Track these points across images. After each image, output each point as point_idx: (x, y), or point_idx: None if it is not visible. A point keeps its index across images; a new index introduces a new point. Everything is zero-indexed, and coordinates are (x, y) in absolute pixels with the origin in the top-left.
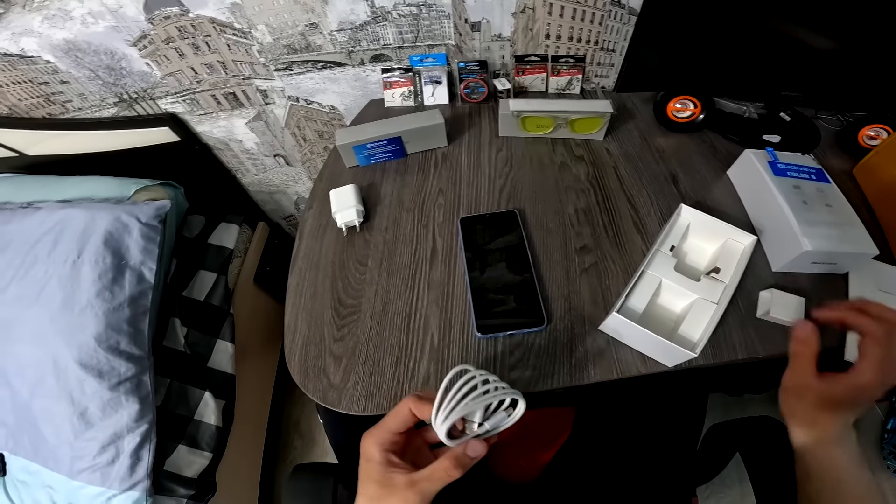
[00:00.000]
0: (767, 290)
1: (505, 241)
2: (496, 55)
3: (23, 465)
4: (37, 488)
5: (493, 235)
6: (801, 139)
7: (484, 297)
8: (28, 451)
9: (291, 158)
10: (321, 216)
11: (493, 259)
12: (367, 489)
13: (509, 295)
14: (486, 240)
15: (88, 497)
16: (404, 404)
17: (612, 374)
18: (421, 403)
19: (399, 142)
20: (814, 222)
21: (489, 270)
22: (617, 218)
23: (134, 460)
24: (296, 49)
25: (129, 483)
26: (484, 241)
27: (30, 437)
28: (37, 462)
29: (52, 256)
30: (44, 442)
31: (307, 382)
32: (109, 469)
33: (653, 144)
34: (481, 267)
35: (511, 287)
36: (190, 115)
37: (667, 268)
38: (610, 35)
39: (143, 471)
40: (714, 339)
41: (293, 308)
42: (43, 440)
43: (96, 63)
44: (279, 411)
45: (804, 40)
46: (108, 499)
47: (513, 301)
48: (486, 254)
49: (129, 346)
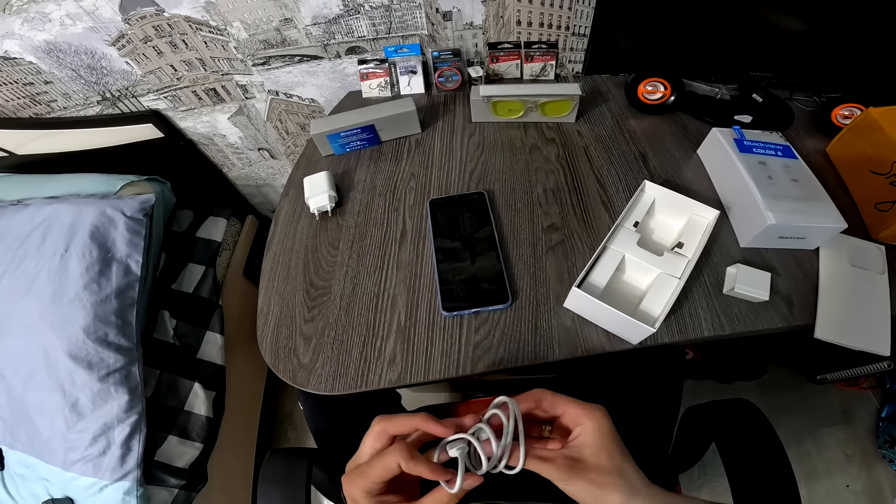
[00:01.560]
0: (734, 265)
1: (473, 221)
2: (469, 44)
3: (20, 458)
4: (34, 481)
5: (461, 216)
6: (774, 120)
7: (450, 275)
8: (24, 444)
9: (276, 151)
10: (296, 203)
11: (460, 239)
12: None
13: (476, 274)
14: (455, 220)
15: (82, 488)
16: (393, 457)
17: (576, 351)
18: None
19: (373, 130)
20: (778, 196)
21: (456, 250)
22: (585, 197)
23: (124, 450)
24: (272, 44)
25: (120, 473)
26: (452, 221)
27: (25, 429)
28: (32, 455)
29: (41, 251)
30: (38, 434)
31: (277, 363)
32: (101, 460)
33: (625, 126)
34: (449, 247)
35: (478, 266)
36: (173, 111)
37: (629, 243)
38: (580, 20)
39: (133, 461)
40: (680, 317)
41: (266, 291)
42: (37, 433)
43: (77, 63)
44: (272, 403)
45: (773, 20)
46: (99, 489)
47: (479, 279)
48: (454, 234)
49: (117, 338)
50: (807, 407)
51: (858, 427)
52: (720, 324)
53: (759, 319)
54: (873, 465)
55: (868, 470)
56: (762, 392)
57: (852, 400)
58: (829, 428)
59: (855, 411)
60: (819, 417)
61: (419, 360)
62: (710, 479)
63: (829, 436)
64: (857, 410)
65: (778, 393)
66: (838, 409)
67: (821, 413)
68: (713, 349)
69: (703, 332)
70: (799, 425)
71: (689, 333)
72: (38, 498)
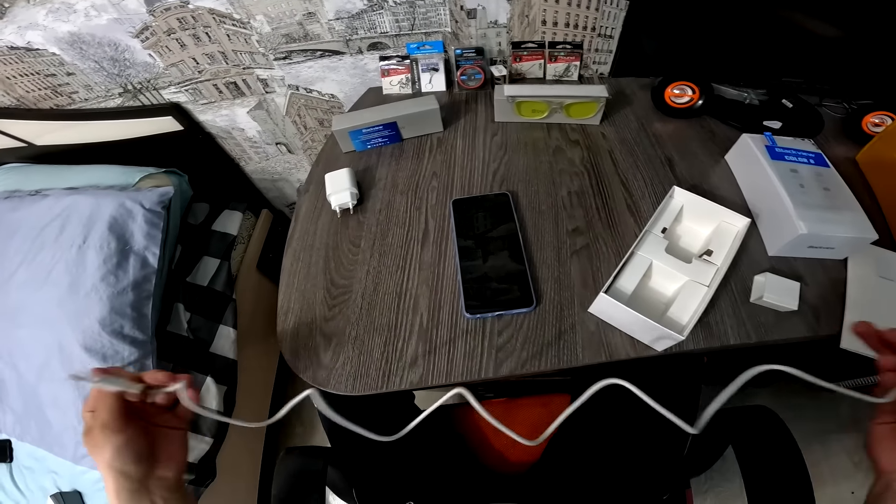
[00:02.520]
0: (762, 274)
1: (496, 222)
2: (493, 42)
3: (29, 450)
4: (42, 474)
5: (484, 217)
6: (803, 126)
7: (474, 277)
8: (34, 436)
9: (293, 146)
10: (317, 199)
11: (484, 240)
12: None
13: (499, 275)
14: (478, 221)
15: (91, 482)
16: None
17: (600, 356)
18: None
19: (395, 127)
20: (810, 205)
21: (480, 251)
22: (610, 200)
23: None
24: (294, 38)
25: None
26: (475, 222)
27: (36, 422)
28: (42, 447)
29: (58, 241)
30: (49, 427)
31: (297, 362)
32: None
33: (650, 129)
34: (472, 248)
35: (501, 268)
36: (193, 104)
37: (657, 250)
38: (607, 21)
39: None
40: (706, 324)
41: (287, 289)
42: (48, 425)
43: (100, 55)
44: (281, 398)
45: (807, 26)
46: None
47: (502, 282)
48: (478, 235)
49: (132, 331)
50: (817, 413)
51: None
52: (746, 332)
53: (785, 329)
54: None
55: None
56: (773, 397)
57: (863, 407)
58: (838, 435)
59: (865, 419)
60: (829, 424)
61: (441, 362)
62: (717, 483)
63: (837, 442)
64: (867, 418)
65: (789, 399)
66: (848, 417)
67: (831, 420)
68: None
69: (729, 341)
70: (808, 431)
71: (715, 341)
72: (46, 491)
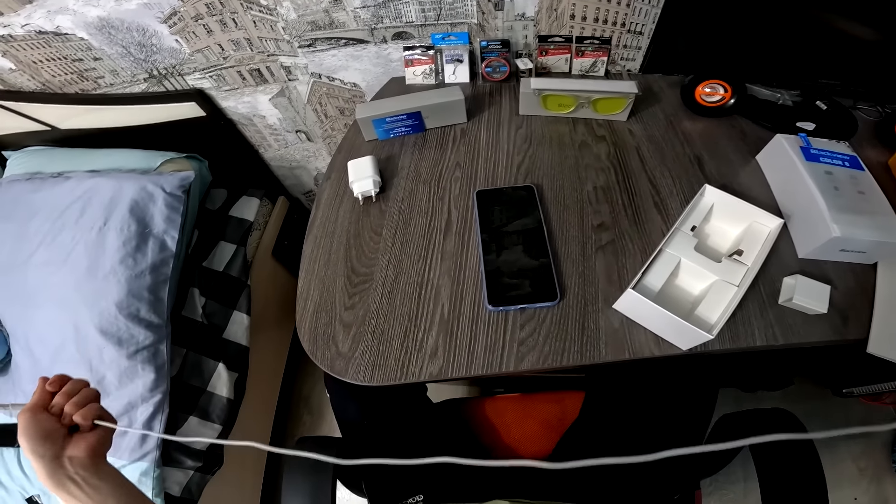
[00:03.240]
0: (792, 276)
1: (521, 215)
2: (519, 35)
3: None
4: None
5: (509, 209)
6: (836, 128)
7: (497, 269)
8: None
9: (312, 134)
10: (338, 186)
11: (508, 233)
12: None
13: (523, 269)
14: (502, 213)
15: None
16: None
17: (623, 353)
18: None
19: (418, 117)
20: (844, 208)
21: (504, 244)
22: (637, 197)
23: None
24: (319, 26)
25: (139, 454)
26: (499, 214)
27: None
28: None
29: (79, 223)
30: None
31: (315, 350)
32: (120, 440)
33: (678, 127)
34: (496, 240)
35: (525, 261)
36: (216, 90)
37: (686, 247)
38: (637, 17)
39: (153, 442)
40: (732, 325)
41: (307, 275)
42: None
43: (128, 40)
44: (290, 386)
45: (845, 29)
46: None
47: (526, 275)
48: (502, 227)
49: (148, 314)
50: (827, 419)
51: (875, 442)
52: (773, 334)
53: (813, 331)
54: (884, 480)
55: (878, 484)
56: (785, 401)
57: (873, 415)
58: (845, 440)
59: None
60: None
61: (462, 354)
62: (722, 486)
63: (844, 448)
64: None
65: (800, 403)
66: (857, 423)
67: (839, 426)
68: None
69: (756, 342)
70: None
71: (741, 342)
72: None
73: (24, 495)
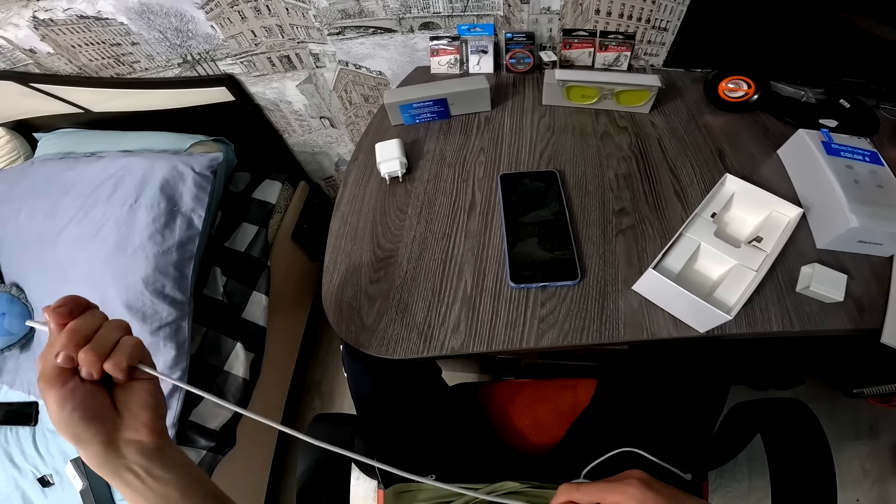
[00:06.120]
0: (809, 265)
1: (543, 198)
2: (544, 28)
3: None
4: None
5: (531, 192)
6: (859, 126)
7: (519, 248)
8: None
9: (336, 121)
10: (366, 167)
11: (530, 215)
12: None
13: (545, 249)
14: (525, 196)
15: None
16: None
17: (642, 334)
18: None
19: (444, 103)
20: (863, 200)
21: (526, 225)
22: (658, 185)
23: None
24: (349, 14)
25: None
26: (522, 197)
27: None
28: None
29: (111, 200)
30: None
31: (341, 322)
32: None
33: (700, 121)
34: (519, 221)
35: (547, 241)
36: (246, 76)
37: (706, 233)
38: (663, 13)
39: (169, 420)
40: (750, 310)
41: (333, 250)
42: None
43: (166, 25)
44: (302, 370)
45: (869, 29)
46: None
47: (548, 254)
48: (525, 210)
49: (173, 291)
50: (835, 419)
51: (882, 443)
52: (790, 321)
53: (829, 320)
54: (888, 481)
55: (882, 485)
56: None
57: (881, 416)
58: (852, 441)
59: (881, 427)
60: (845, 430)
61: (483, 329)
62: (726, 483)
63: (851, 449)
64: (884, 427)
65: (809, 402)
66: (865, 424)
67: (848, 426)
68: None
69: (772, 327)
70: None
71: (758, 327)
72: (66, 455)
73: (37, 475)
